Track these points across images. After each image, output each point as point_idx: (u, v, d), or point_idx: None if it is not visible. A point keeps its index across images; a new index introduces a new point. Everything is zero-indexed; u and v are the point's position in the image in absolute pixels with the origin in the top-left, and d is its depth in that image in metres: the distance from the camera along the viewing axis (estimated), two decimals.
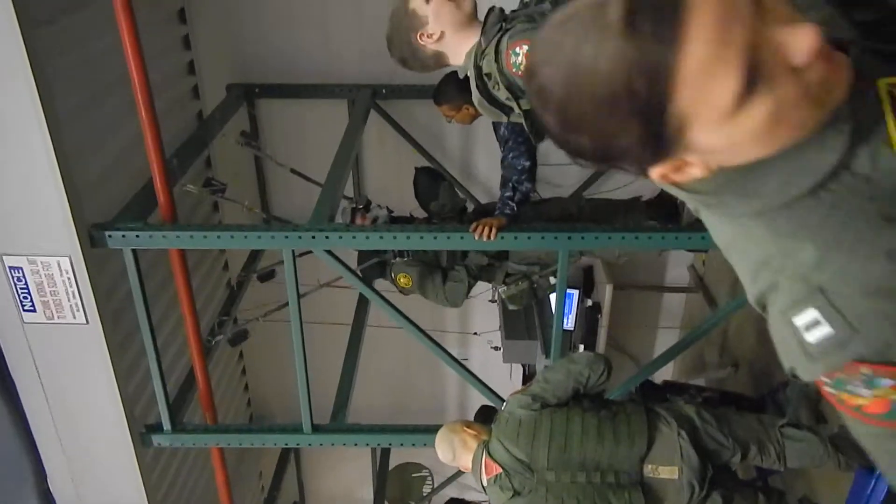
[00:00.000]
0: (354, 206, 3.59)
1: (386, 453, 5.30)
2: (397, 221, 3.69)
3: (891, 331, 0.68)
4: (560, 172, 4.17)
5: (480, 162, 4.28)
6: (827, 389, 0.74)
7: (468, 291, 3.59)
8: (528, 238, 2.60)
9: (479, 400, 4.63)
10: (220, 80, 4.00)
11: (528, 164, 2.73)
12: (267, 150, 4.06)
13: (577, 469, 2.24)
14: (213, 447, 3.12)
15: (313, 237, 2.56)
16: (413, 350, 4.43)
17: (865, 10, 0.77)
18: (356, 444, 3.00)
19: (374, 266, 3.49)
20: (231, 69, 4.02)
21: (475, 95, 2.08)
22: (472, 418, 5.38)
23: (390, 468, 5.32)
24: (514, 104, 1.99)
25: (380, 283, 3.47)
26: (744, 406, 3.56)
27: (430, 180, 3.72)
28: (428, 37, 2.05)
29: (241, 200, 3.18)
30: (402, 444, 3.00)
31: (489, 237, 2.59)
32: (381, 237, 2.61)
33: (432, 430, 2.89)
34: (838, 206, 0.71)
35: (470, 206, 3.97)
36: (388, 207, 3.66)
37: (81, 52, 2.68)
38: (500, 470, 2.33)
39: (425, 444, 3.20)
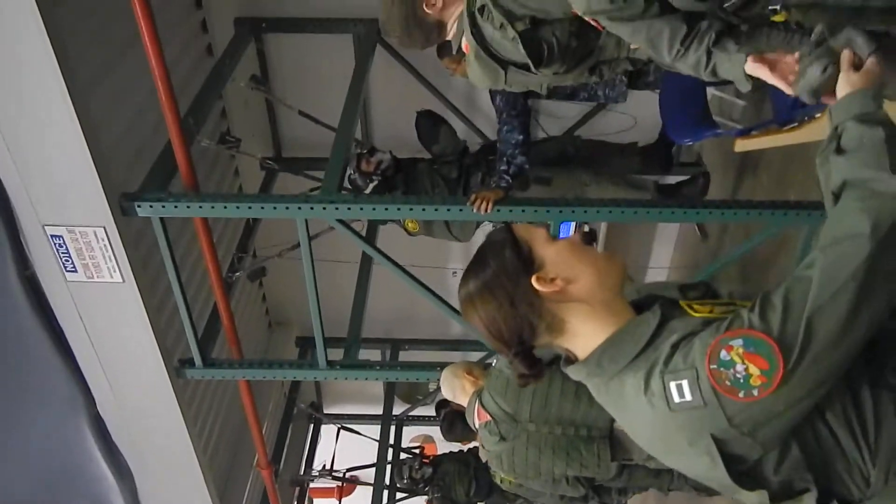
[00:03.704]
0: (359, 151, 3.77)
1: (396, 353, 5.74)
2: (400, 164, 3.88)
3: None
4: (560, 107, 4.29)
5: (485, 95, 4.34)
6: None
7: (477, 225, 3.82)
8: (523, 211, 2.81)
9: None
10: (228, 14, 4.06)
11: (521, 137, 2.89)
12: (276, 87, 4.18)
13: (554, 423, 2.59)
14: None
15: (324, 208, 2.79)
16: (418, 270, 4.75)
17: None
18: (367, 379, 3.37)
19: None
20: (238, 1, 4.06)
21: (471, 44, 2.15)
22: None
23: None
24: (508, 28, 2.07)
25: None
26: None
27: (431, 124, 3.85)
28: (432, 5, 2.10)
29: (254, 153, 3.36)
30: (406, 379, 3.36)
31: (486, 210, 2.81)
32: (387, 208, 2.83)
33: (435, 366, 3.25)
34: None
35: (475, 144, 4.11)
36: (391, 152, 3.83)
37: (93, 19, 2.78)
38: (490, 418, 2.70)
39: (428, 380, 3.59)
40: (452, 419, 3.84)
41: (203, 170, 3.52)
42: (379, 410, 5.86)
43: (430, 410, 5.85)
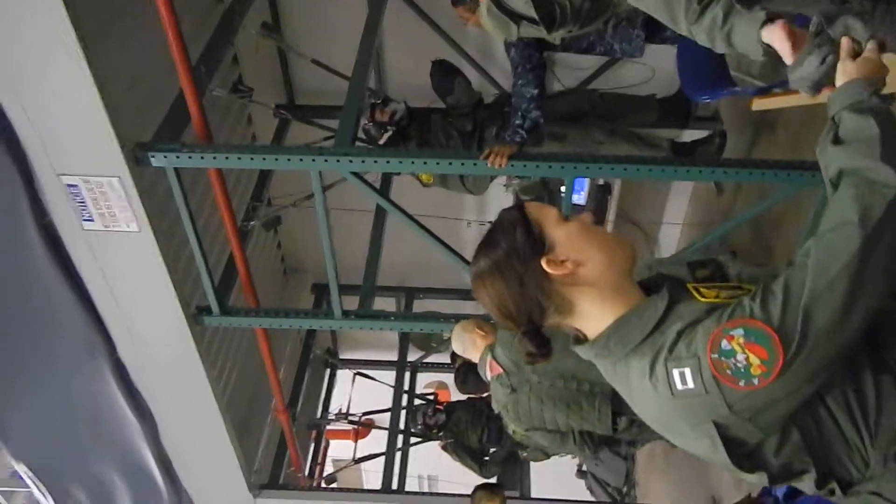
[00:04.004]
0: (373, 101, 3.73)
1: (410, 302, 5.81)
2: (415, 114, 3.84)
3: None
4: (577, 59, 4.19)
5: (501, 46, 4.23)
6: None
7: (491, 179, 3.81)
8: (537, 166, 2.79)
9: None
10: None
11: (535, 91, 2.85)
12: (287, 35, 4.12)
13: (556, 377, 2.63)
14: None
15: (338, 161, 2.78)
16: (433, 221, 4.76)
17: None
18: (381, 329, 3.42)
19: None
20: None
21: (484, 5, 2.13)
22: None
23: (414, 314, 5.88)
24: None
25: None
26: None
27: (445, 74, 3.80)
28: None
29: (267, 103, 3.34)
30: (421, 330, 3.40)
31: (500, 165, 2.78)
32: (401, 161, 2.82)
33: (449, 317, 3.29)
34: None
35: (490, 95, 4.05)
36: (405, 102, 3.79)
37: None
38: (502, 371, 2.74)
39: (442, 331, 3.63)
40: (466, 372, 3.91)
41: (216, 118, 3.50)
42: (394, 357, 5.96)
43: (444, 357, 5.95)
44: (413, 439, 5.55)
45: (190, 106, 2.90)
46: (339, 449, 6.73)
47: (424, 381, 6.86)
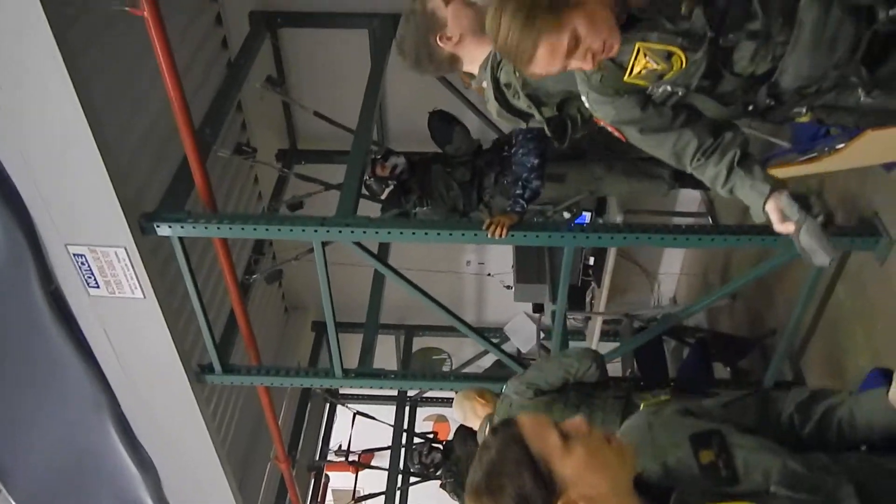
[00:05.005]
0: (374, 156, 3.77)
1: (410, 339, 5.83)
2: (415, 167, 3.87)
3: None
4: None
5: None
6: None
7: None
8: (537, 236, 2.83)
9: (493, 296, 5.04)
10: (243, 8, 4.02)
11: (536, 161, 2.88)
12: (291, 82, 4.16)
13: None
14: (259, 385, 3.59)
15: (340, 231, 2.82)
16: (434, 258, 4.80)
17: None
18: (381, 388, 3.45)
19: (396, 216, 3.74)
20: None
21: (492, 105, 2.17)
22: (486, 314, 5.85)
23: (414, 351, 5.90)
24: (535, 112, 2.10)
25: None
26: (732, 348, 3.93)
27: (444, 124, 3.82)
28: (447, 39, 2.10)
29: (270, 162, 3.38)
30: (420, 388, 3.43)
31: (501, 235, 2.82)
32: (402, 232, 2.86)
33: (447, 377, 3.32)
34: None
35: (488, 140, 4.07)
36: (405, 155, 3.82)
37: (107, 35, 2.77)
38: None
39: (441, 388, 3.67)
40: (465, 436, 3.94)
41: (221, 176, 3.54)
42: (394, 391, 5.97)
43: (443, 393, 5.97)
44: (413, 478, 5.57)
45: (194, 173, 2.94)
46: (340, 479, 6.74)
47: (424, 415, 6.88)
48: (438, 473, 5.19)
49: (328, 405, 6.06)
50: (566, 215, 3.83)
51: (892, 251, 2.62)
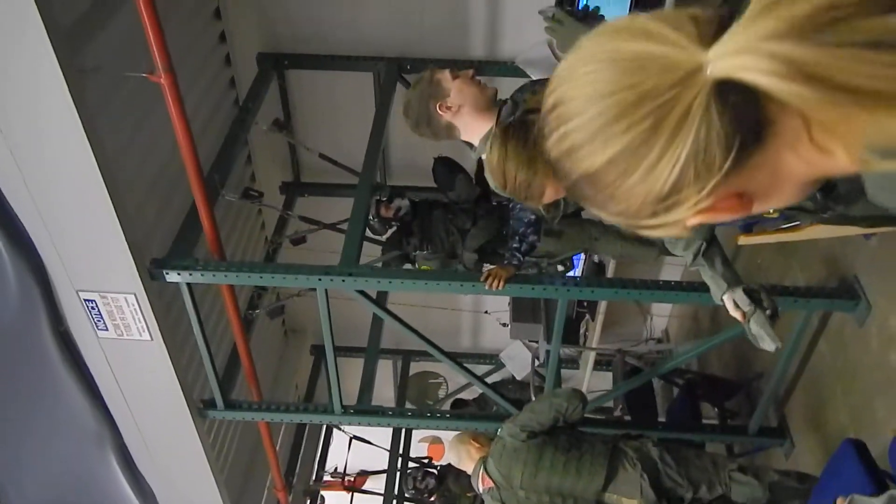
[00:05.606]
0: (378, 198, 3.88)
1: (407, 364, 5.94)
2: (418, 209, 3.99)
3: None
4: None
5: None
6: None
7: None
8: (533, 289, 2.94)
9: (489, 325, 5.15)
10: (251, 49, 4.13)
11: (533, 217, 2.99)
12: (297, 122, 4.27)
13: (543, 492, 2.78)
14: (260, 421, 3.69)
15: (343, 280, 2.92)
16: (434, 294, 4.90)
17: None
18: (379, 425, 3.55)
19: (397, 258, 3.85)
20: (261, 38, 4.13)
21: (490, 180, 2.29)
22: (482, 341, 5.95)
23: (410, 374, 6.01)
24: None
25: None
26: (720, 390, 4.04)
27: (447, 171, 3.94)
28: (447, 108, 2.23)
29: (276, 206, 3.49)
30: (417, 426, 3.53)
31: (498, 287, 2.93)
32: (403, 282, 2.96)
33: (444, 416, 3.42)
34: None
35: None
36: (409, 198, 3.94)
37: (122, 89, 2.86)
38: (493, 484, 2.88)
39: (437, 427, 3.76)
40: (445, 475, 4.06)
41: (223, 211, 3.63)
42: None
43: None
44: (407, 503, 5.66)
45: (203, 221, 3.04)
46: (334, 499, 6.84)
47: (420, 435, 6.97)
48: (432, 499, 5.30)
49: (325, 428, 6.16)
50: (560, 268, 3.96)
51: (871, 314, 2.73)
